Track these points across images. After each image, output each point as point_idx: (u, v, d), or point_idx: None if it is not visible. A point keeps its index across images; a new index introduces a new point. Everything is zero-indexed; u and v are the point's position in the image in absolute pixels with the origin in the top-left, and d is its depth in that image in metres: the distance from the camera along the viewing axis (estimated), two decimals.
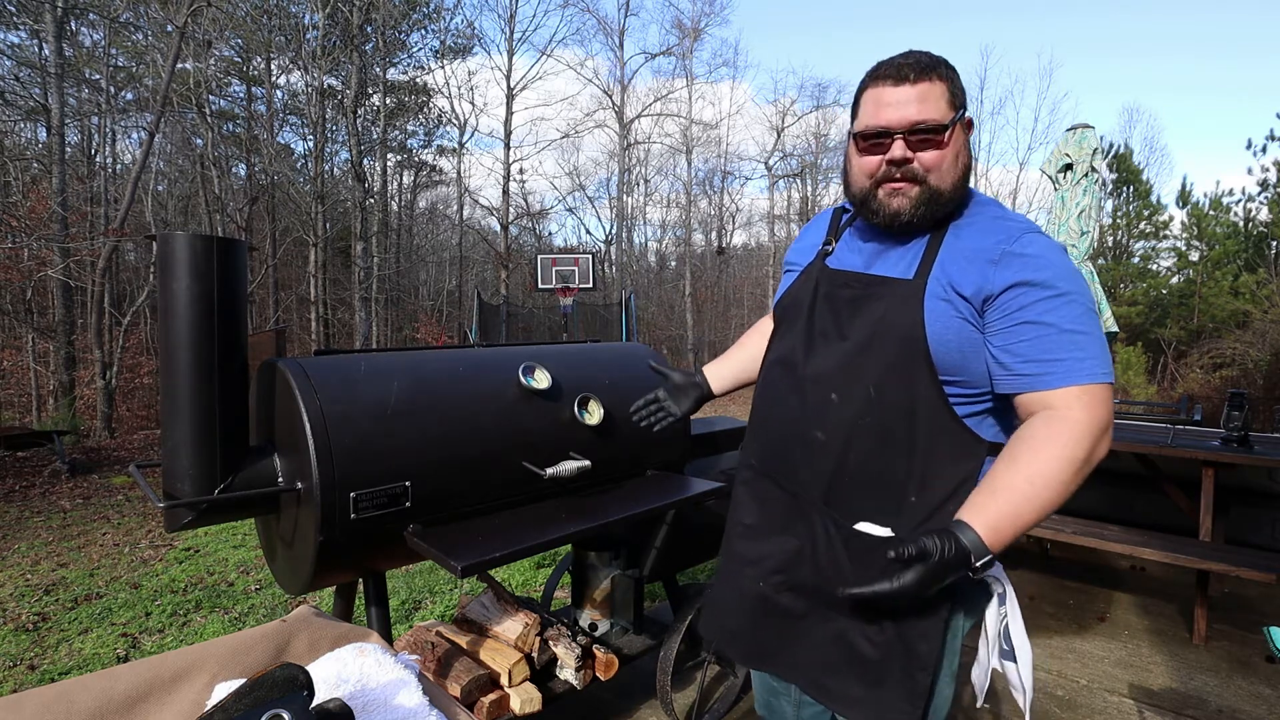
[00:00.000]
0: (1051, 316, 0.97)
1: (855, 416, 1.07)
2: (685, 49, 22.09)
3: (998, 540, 0.93)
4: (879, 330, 1.06)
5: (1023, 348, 0.98)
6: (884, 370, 1.05)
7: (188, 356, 1.45)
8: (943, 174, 1.05)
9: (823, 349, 1.14)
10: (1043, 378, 0.97)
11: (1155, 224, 21.99)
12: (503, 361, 1.86)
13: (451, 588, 3.46)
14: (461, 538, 1.54)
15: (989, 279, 1.00)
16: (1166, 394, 15.87)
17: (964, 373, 1.03)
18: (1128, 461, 3.77)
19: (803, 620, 1.15)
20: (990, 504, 0.94)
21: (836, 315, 1.14)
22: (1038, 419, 0.98)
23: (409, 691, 0.89)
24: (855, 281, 1.14)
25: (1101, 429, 0.95)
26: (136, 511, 5.25)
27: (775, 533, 1.19)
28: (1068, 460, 0.93)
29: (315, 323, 15.86)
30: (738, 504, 1.28)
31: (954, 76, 1.07)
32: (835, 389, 1.10)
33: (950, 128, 1.03)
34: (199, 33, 12.87)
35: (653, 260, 27.74)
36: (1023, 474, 0.94)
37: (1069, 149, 3.86)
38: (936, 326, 1.02)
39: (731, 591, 1.25)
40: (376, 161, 18.87)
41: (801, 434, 1.14)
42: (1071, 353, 0.96)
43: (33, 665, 2.72)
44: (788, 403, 1.17)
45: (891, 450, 1.06)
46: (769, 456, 1.21)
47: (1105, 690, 2.49)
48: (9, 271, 9.59)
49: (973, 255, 1.03)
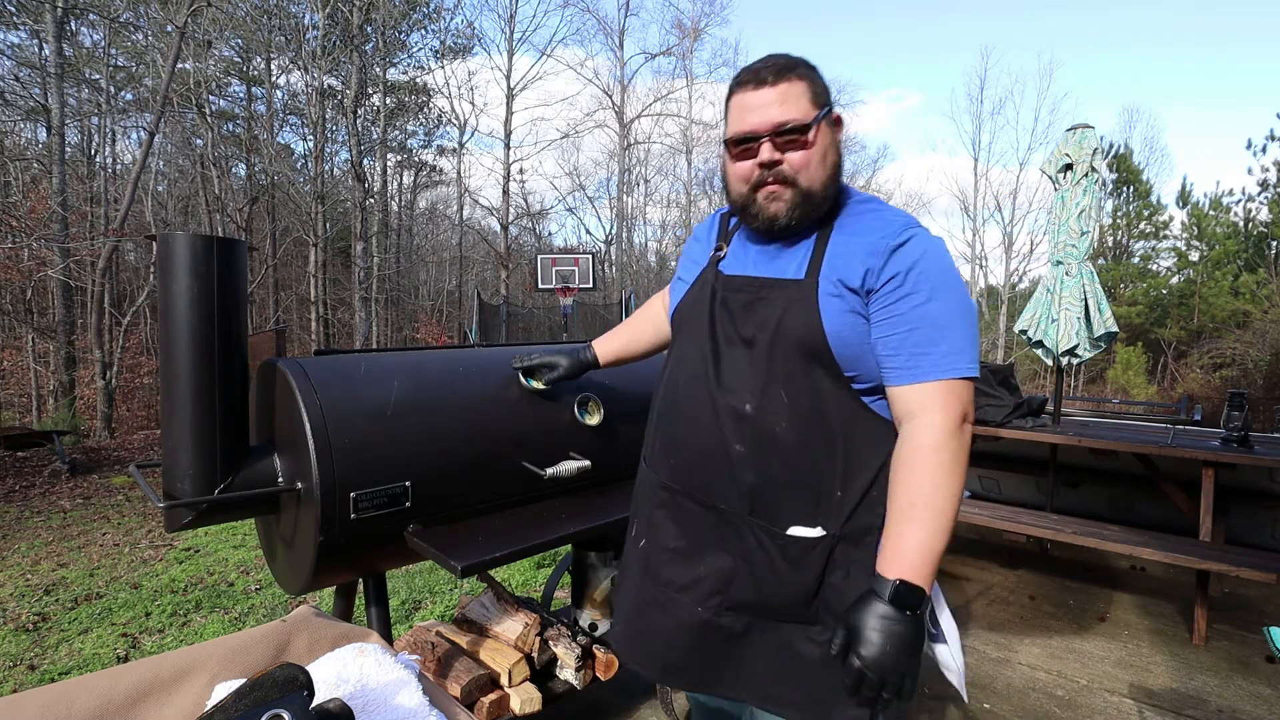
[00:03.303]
0: (925, 309, 1.01)
1: (771, 423, 1.07)
2: (685, 49, 22.13)
3: (921, 572, 0.96)
4: (780, 333, 1.07)
5: (894, 341, 1.02)
6: (791, 372, 1.06)
7: (188, 356, 1.45)
8: (812, 173, 1.06)
9: (729, 357, 1.13)
10: (909, 370, 1.01)
11: (1155, 224, 22.01)
12: (503, 361, 1.86)
13: (451, 588, 3.46)
14: (461, 538, 1.54)
15: (873, 270, 1.03)
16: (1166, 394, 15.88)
17: (862, 366, 1.05)
18: (1128, 461, 3.77)
19: (745, 636, 1.13)
20: (894, 545, 0.98)
21: (735, 322, 1.13)
22: (902, 441, 1.02)
23: (409, 691, 0.89)
24: (748, 286, 1.14)
25: (958, 422, 1.00)
26: (136, 511, 5.25)
27: (705, 553, 1.15)
28: (941, 466, 0.98)
29: (315, 323, 15.86)
30: (656, 528, 1.22)
31: (814, 75, 1.08)
32: (747, 398, 1.09)
33: (814, 126, 1.04)
34: (199, 33, 12.88)
35: (653, 260, 27.72)
36: (907, 500, 0.98)
37: (1069, 149, 3.86)
38: (834, 324, 1.04)
39: (666, 621, 1.18)
40: (376, 161, 18.88)
41: (718, 448, 1.11)
42: (937, 346, 1.00)
43: (33, 665, 2.72)
44: (699, 418, 1.14)
45: (812, 451, 1.06)
46: (687, 475, 1.17)
47: (1105, 690, 2.49)
48: (9, 271, 9.59)
49: (857, 250, 1.05)
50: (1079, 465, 4.23)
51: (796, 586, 1.07)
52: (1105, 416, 7.56)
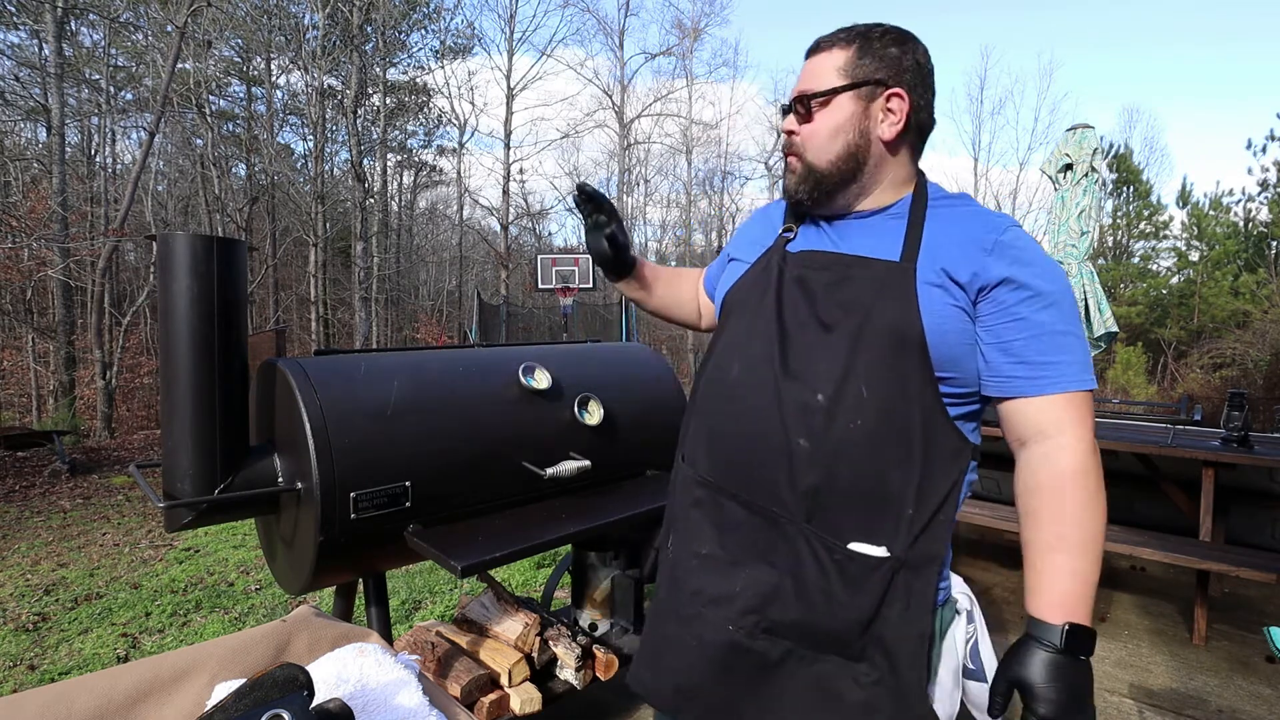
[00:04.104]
0: (1044, 315, 0.91)
1: (846, 420, 0.93)
2: (685, 49, 22.13)
3: (1086, 611, 0.87)
4: (869, 318, 0.94)
5: (1016, 346, 0.92)
6: (875, 365, 0.93)
7: (188, 356, 1.45)
8: (815, 149, 1.00)
9: (800, 341, 0.99)
10: (1035, 381, 0.91)
11: (1155, 224, 22.00)
12: (503, 361, 1.86)
13: (451, 588, 3.46)
14: (461, 538, 1.54)
15: (985, 267, 0.92)
16: (1166, 394, 15.88)
17: (958, 369, 0.94)
18: (1128, 461, 3.77)
19: (779, 666, 0.99)
20: (1053, 583, 0.89)
21: (812, 302, 0.99)
22: (1038, 465, 0.92)
23: (409, 691, 0.89)
24: (836, 263, 1.00)
25: (1093, 439, 0.92)
26: (136, 511, 5.25)
27: (745, 563, 1.00)
28: (1088, 491, 0.90)
29: (315, 323, 15.87)
30: (689, 530, 1.07)
31: (868, 46, 0.98)
32: (821, 389, 0.95)
33: (824, 97, 0.98)
34: (199, 33, 12.88)
35: (652, 260, 27.69)
36: (1056, 532, 0.89)
37: (1069, 149, 3.86)
38: (933, 315, 0.92)
39: (688, 639, 1.03)
40: (376, 161, 18.88)
41: (779, 442, 0.97)
42: (1062, 356, 0.91)
43: (33, 665, 2.72)
44: (756, 406, 1.00)
45: (887, 457, 0.93)
46: (732, 471, 1.03)
47: (1105, 690, 2.48)
48: (9, 271, 9.60)
49: (962, 240, 0.94)
50: None
51: (851, 612, 0.93)
52: (1105, 416, 7.56)
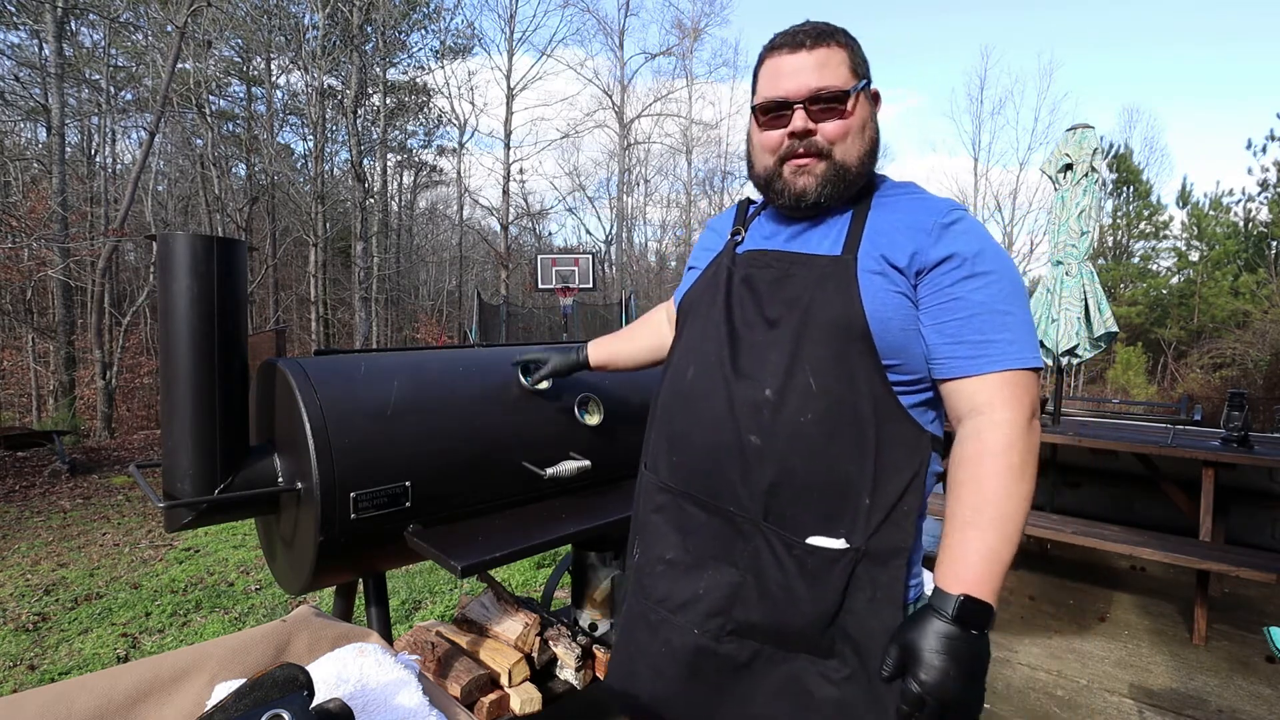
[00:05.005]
0: (982, 295, 0.91)
1: (795, 414, 0.94)
2: (685, 49, 22.15)
3: (988, 585, 0.86)
4: (811, 312, 0.95)
5: (953, 327, 0.92)
6: (821, 358, 0.94)
7: (188, 357, 1.45)
8: (848, 147, 0.97)
9: (748, 340, 1.00)
10: (975, 360, 0.91)
11: (1155, 224, 22.01)
12: (503, 361, 1.86)
13: (451, 588, 3.46)
14: (461, 538, 1.54)
15: (923, 249, 0.93)
16: (1166, 394, 15.89)
17: (905, 356, 0.94)
18: (1128, 461, 3.78)
19: (748, 668, 0.98)
20: (957, 555, 0.88)
21: (758, 300, 1.01)
22: (965, 441, 0.91)
23: (409, 691, 0.89)
24: (778, 261, 1.01)
25: (1029, 418, 0.90)
26: (136, 511, 5.25)
27: (707, 565, 1.00)
28: (1011, 468, 0.87)
29: (315, 323, 15.87)
30: (652, 536, 1.08)
31: (854, 44, 1.00)
32: (769, 384, 0.95)
33: (853, 95, 0.97)
34: (199, 33, 12.88)
35: (653, 260, 27.71)
36: (972, 506, 0.88)
37: (1069, 149, 3.86)
38: (875, 303, 0.93)
39: (657, 645, 1.03)
40: (376, 161, 18.89)
41: (732, 441, 0.97)
42: (1001, 334, 0.90)
43: (33, 665, 2.72)
44: (709, 407, 1.00)
45: (840, 448, 0.93)
46: (691, 474, 1.03)
47: (1105, 690, 2.49)
48: (9, 271, 9.60)
49: (903, 227, 0.95)
50: (1079, 465, 4.23)
51: (813, 607, 0.93)
52: (1105, 416, 7.57)
